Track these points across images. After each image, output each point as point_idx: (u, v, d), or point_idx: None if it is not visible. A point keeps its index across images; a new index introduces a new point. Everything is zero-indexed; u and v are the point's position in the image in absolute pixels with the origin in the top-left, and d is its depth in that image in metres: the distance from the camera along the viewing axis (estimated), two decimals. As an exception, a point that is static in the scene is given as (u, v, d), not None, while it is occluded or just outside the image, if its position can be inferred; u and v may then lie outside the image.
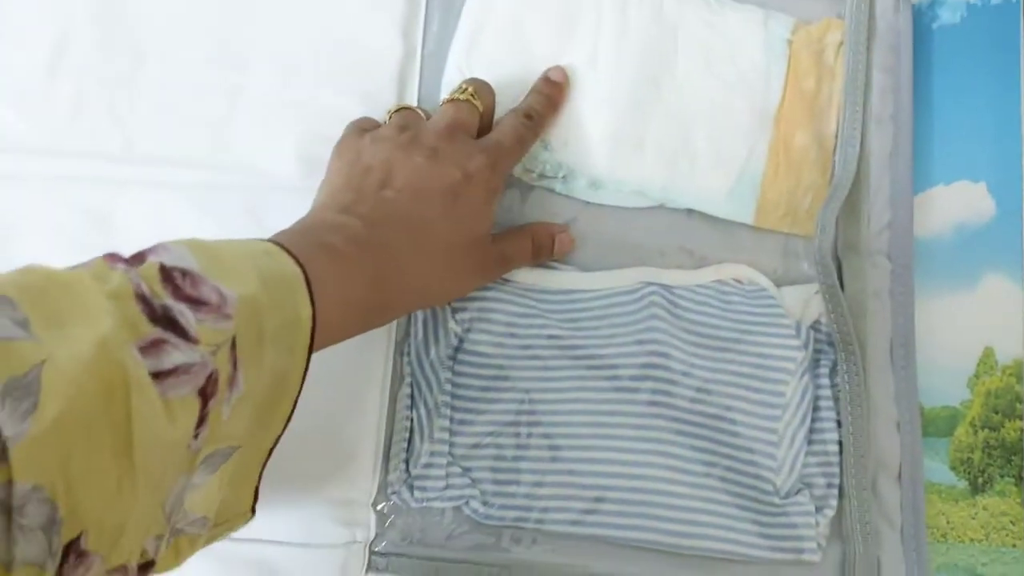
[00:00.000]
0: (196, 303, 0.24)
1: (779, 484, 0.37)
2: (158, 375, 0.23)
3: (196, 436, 0.24)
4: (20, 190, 0.40)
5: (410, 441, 0.38)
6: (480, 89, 0.38)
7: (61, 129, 0.41)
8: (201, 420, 0.24)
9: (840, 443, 0.38)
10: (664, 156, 0.40)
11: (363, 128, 0.37)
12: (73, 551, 0.21)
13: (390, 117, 0.38)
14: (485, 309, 0.39)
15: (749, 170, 0.40)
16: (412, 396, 0.39)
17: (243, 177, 0.40)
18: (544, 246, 0.39)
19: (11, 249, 0.40)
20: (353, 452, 0.38)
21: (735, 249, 0.41)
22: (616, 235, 0.41)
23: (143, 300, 0.24)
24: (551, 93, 0.39)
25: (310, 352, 0.28)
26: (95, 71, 0.41)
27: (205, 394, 0.24)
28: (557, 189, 0.41)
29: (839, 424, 0.38)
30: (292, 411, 0.28)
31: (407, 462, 0.38)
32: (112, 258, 0.25)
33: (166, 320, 0.24)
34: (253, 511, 0.30)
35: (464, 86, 0.38)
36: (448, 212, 0.34)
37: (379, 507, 0.38)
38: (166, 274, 0.25)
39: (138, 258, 0.25)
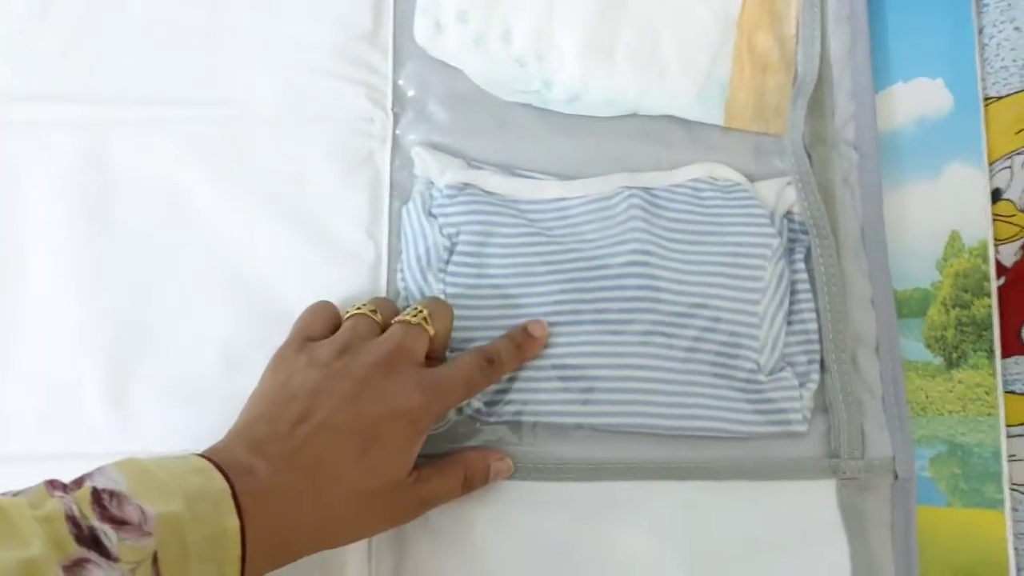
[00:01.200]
0: (119, 523, 0.27)
1: (763, 363, 0.39)
2: None
3: None
4: (19, 137, 0.42)
5: (409, 347, 0.40)
6: (435, 312, 0.37)
7: (53, 76, 0.42)
8: None
9: (818, 322, 0.40)
10: (634, 65, 0.42)
11: (306, 337, 0.36)
12: None
13: (346, 319, 0.37)
14: (471, 221, 0.40)
15: (716, 73, 0.42)
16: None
17: (228, 111, 0.42)
18: (477, 480, 0.37)
19: (15, 194, 0.41)
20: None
21: (709, 150, 0.42)
22: (594, 144, 0.42)
23: (73, 522, 0.26)
24: (523, 344, 0.38)
25: (244, 562, 0.29)
26: (82, 18, 0.42)
27: None
28: (534, 104, 0.42)
29: (816, 304, 0.40)
30: None
31: (408, 367, 0.40)
32: (53, 484, 0.28)
33: (91, 540, 0.26)
34: None
35: (419, 308, 0.37)
36: (364, 454, 0.33)
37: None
38: (96, 496, 0.27)
39: (77, 482, 0.28)
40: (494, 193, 0.41)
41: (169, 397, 0.39)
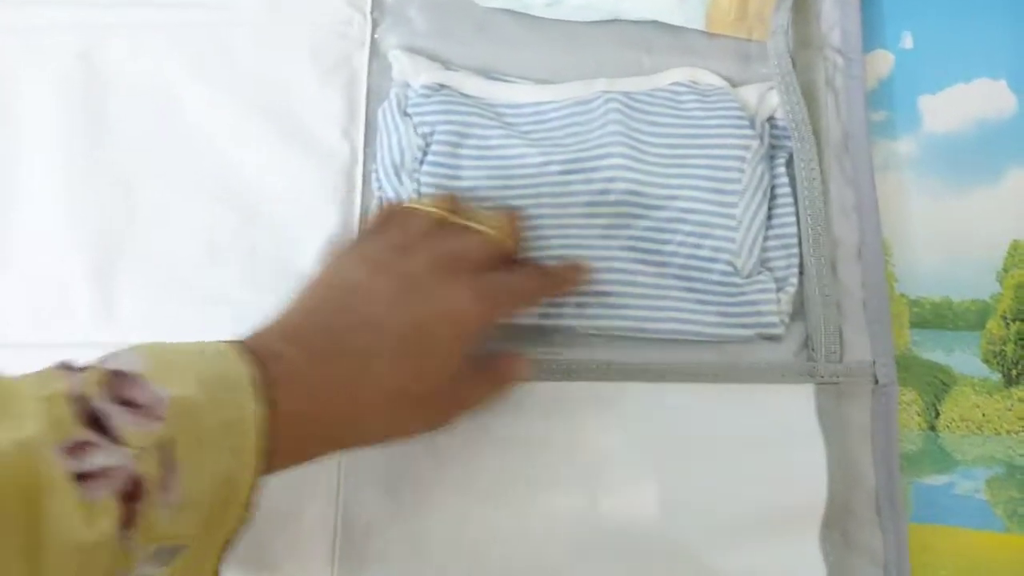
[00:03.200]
0: (128, 404, 0.25)
1: (740, 265, 0.38)
2: (81, 476, 0.23)
3: (126, 537, 0.24)
4: (17, 40, 0.43)
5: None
6: (501, 222, 0.36)
7: None
8: (127, 521, 0.24)
9: (798, 226, 0.39)
10: (615, -31, 0.42)
11: (368, 232, 0.34)
12: None
13: (406, 214, 0.35)
14: (445, 121, 0.40)
15: (699, -22, 0.42)
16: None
17: (213, 14, 0.43)
18: (506, 386, 0.37)
19: (9, 96, 0.43)
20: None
21: (691, 55, 0.42)
22: (574, 50, 0.42)
23: (77, 402, 0.24)
24: (571, 280, 0.37)
25: (262, 452, 0.26)
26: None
27: (128, 496, 0.24)
28: (514, 8, 0.42)
29: (796, 209, 0.39)
30: (246, 513, 0.27)
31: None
32: (65, 366, 0.26)
33: (95, 421, 0.24)
34: None
35: (486, 214, 0.35)
36: (404, 355, 0.31)
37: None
38: (107, 377, 0.25)
39: (92, 365, 0.26)
40: (470, 95, 0.41)
41: (153, 289, 0.40)
